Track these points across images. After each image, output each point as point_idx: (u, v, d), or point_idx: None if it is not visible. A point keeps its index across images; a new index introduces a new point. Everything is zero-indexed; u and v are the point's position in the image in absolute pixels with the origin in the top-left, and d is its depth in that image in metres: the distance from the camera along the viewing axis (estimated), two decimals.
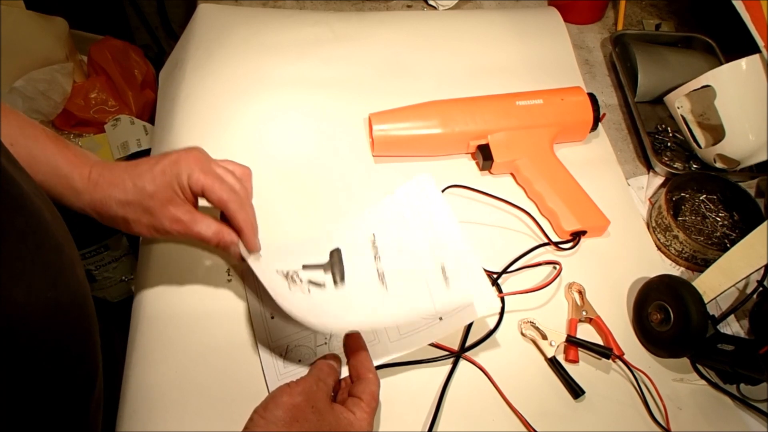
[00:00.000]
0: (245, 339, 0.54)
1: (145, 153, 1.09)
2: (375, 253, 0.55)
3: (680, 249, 0.64)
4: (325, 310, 0.50)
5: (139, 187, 0.48)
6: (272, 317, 0.54)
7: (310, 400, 0.43)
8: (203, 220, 0.50)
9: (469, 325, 0.56)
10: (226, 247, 0.51)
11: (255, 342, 0.54)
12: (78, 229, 0.43)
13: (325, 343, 0.53)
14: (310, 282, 0.53)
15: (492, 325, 0.56)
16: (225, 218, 0.51)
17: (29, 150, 0.46)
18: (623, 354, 0.56)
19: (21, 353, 0.31)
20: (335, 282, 0.53)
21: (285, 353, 0.52)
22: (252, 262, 0.51)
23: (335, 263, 0.55)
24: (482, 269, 0.53)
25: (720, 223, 0.67)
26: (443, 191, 0.65)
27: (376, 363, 0.50)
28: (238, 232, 0.50)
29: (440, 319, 0.52)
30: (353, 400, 0.46)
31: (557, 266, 0.60)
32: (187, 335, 0.54)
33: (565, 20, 0.87)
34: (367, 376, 0.47)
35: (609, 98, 0.81)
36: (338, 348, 0.52)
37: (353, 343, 0.50)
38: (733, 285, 0.55)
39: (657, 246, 0.66)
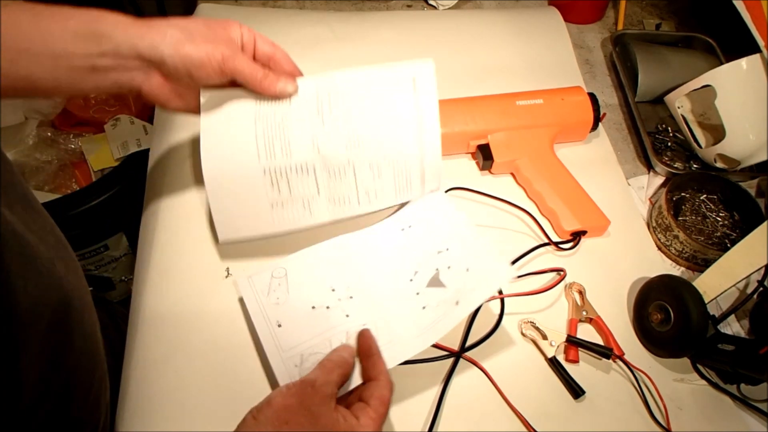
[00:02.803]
0: (245, 338, 0.54)
1: (145, 153, 1.08)
2: (414, 271, 0.55)
3: (680, 249, 0.64)
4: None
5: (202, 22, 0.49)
6: (279, 325, 0.52)
7: (305, 402, 0.41)
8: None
9: (470, 325, 0.56)
10: (273, 83, 0.52)
11: (257, 343, 0.53)
12: (78, 229, 0.43)
13: None
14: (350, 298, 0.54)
15: (492, 325, 0.56)
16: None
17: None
18: (623, 354, 0.56)
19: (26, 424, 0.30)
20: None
21: (300, 363, 0.50)
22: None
23: None
24: (489, 244, 0.52)
25: (720, 223, 0.67)
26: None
27: (396, 362, 0.48)
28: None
29: (456, 303, 0.50)
30: (360, 405, 0.43)
31: (561, 272, 0.59)
32: (187, 335, 0.54)
33: (566, 20, 0.87)
34: (378, 378, 0.45)
35: (609, 98, 0.81)
36: None
37: (363, 343, 0.48)
38: (734, 285, 0.55)
39: (657, 246, 0.66)
